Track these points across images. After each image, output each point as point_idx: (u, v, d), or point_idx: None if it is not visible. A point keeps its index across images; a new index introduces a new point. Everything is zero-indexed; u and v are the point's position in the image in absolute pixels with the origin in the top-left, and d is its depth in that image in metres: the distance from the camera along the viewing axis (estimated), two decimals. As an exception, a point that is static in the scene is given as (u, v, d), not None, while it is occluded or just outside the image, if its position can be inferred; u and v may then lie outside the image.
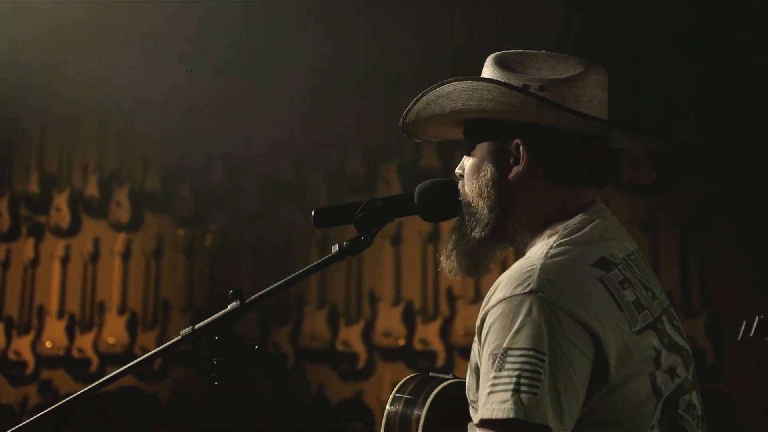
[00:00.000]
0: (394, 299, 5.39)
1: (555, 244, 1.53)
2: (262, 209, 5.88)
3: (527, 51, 1.69)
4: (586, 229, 1.57)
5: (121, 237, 6.22)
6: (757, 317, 2.22)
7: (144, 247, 6.16)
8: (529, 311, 1.40)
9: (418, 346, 5.28)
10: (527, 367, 1.37)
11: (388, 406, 1.77)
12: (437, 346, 5.22)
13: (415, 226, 5.33)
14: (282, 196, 5.80)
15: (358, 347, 5.43)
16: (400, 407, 1.75)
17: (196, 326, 1.82)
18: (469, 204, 1.67)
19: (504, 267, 1.61)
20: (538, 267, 1.46)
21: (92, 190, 6.34)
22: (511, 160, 1.63)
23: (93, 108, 6.13)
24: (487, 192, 1.63)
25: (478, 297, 5.16)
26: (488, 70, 1.68)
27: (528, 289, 1.42)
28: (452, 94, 1.63)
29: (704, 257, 4.61)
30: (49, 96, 6.19)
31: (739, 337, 2.24)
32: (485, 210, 1.64)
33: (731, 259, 4.52)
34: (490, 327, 1.44)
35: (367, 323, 5.44)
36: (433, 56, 5.33)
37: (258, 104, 5.71)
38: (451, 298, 5.23)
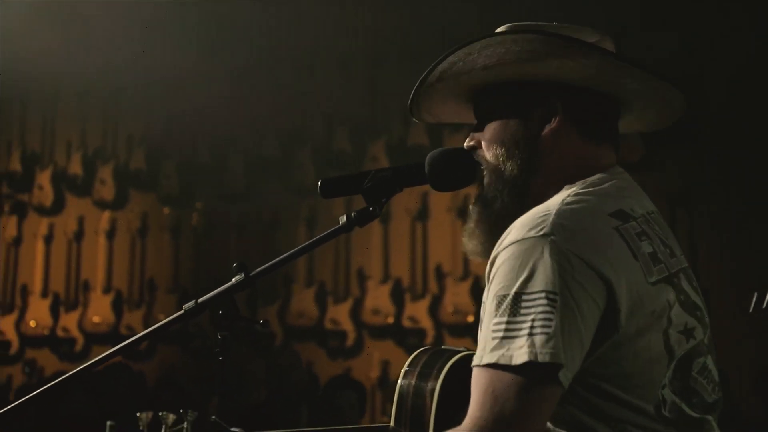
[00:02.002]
0: (382, 277, 5.38)
1: (573, 194, 1.53)
2: (248, 187, 5.83)
3: (539, 23, 1.66)
4: (606, 185, 1.57)
5: (106, 215, 6.16)
6: (770, 289, 2.22)
7: (129, 225, 6.10)
8: (541, 254, 1.39)
9: (406, 323, 5.28)
10: (540, 309, 1.36)
11: (400, 380, 1.75)
12: (426, 323, 5.22)
13: (403, 203, 5.31)
14: (268, 173, 5.76)
15: (347, 325, 5.42)
16: (413, 380, 1.73)
17: (200, 300, 1.79)
18: (495, 168, 1.64)
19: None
20: (554, 212, 1.45)
21: (76, 167, 6.26)
22: (542, 118, 1.62)
23: (76, 84, 6.05)
24: (518, 152, 1.61)
25: (467, 274, 5.16)
26: None
27: (541, 233, 1.41)
28: (486, 49, 1.59)
29: (692, 233, 4.64)
30: (31, 72, 6.08)
31: (751, 309, 2.24)
32: (515, 170, 1.61)
33: (719, 234, 4.55)
34: (498, 268, 1.43)
35: (355, 301, 5.43)
36: (420, 32, 5.28)
37: (242, 82, 5.65)
38: (440, 275, 5.22)
